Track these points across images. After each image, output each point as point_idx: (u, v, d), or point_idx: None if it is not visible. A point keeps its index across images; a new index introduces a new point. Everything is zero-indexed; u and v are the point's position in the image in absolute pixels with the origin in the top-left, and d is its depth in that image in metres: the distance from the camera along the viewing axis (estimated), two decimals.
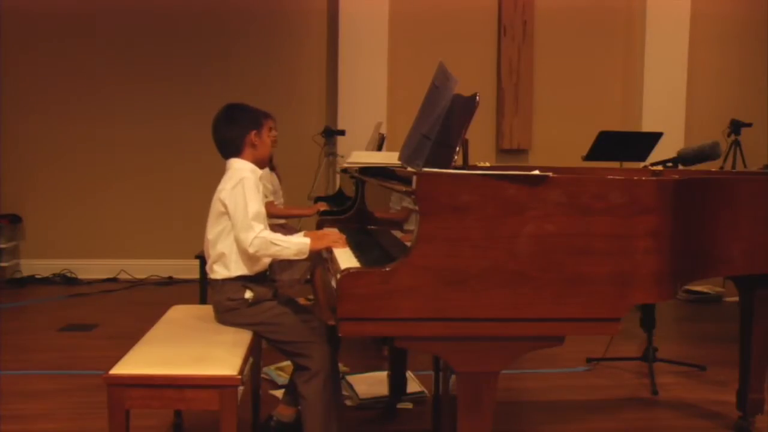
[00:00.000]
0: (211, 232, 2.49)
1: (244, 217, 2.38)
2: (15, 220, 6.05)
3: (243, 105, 2.62)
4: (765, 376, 2.94)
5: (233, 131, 2.54)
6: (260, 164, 2.60)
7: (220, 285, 2.47)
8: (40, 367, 3.69)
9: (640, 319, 3.60)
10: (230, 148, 2.55)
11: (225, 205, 2.42)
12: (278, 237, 2.41)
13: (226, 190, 2.44)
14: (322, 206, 4.18)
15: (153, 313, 2.80)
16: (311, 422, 2.41)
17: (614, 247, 1.88)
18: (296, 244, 2.40)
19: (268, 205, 4.24)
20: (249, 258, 2.44)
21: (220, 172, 2.57)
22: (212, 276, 2.51)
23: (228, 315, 2.48)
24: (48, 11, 6.05)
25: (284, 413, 2.78)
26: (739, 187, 2.38)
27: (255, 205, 2.41)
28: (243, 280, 2.45)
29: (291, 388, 2.76)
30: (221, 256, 2.46)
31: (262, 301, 2.47)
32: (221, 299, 2.48)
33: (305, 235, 2.57)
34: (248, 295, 2.45)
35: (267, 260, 2.52)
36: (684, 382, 3.63)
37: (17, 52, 6.04)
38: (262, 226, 2.40)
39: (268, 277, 2.59)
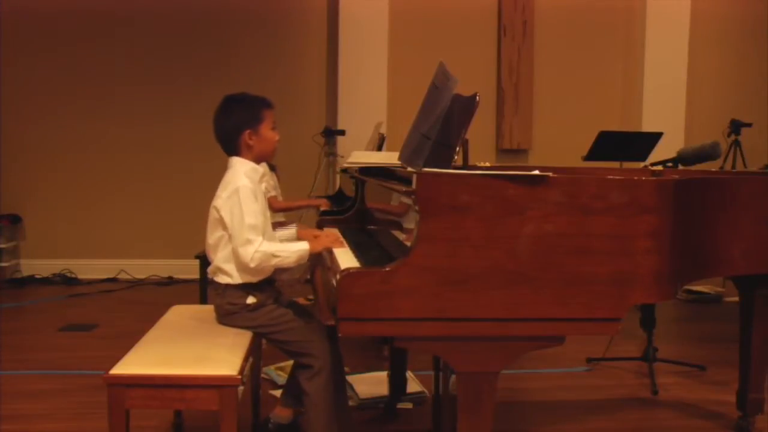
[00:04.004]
0: (211, 237, 2.46)
1: (240, 232, 2.33)
2: (15, 220, 6.04)
3: (241, 97, 2.52)
4: (765, 376, 2.94)
5: (227, 127, 2.47)
6: (263, 159, 2.54)
7: (223, 289, 2.45)
8: (40, 367, 3.69)
9: (640, 319, 3.60)
10: (228, 146, 2.50)
11: (220, 215, 2.38)
12: (278, 248, 2.37)
13: (221, 199, 2.39)
14: (324, 203, 4.18)
15: (153, 313, 2.80)
16: (314, 419, 2.40)
17: (614, 247, 1.88)
18: (296, 252, 2.37)
19: (271, 200, 4.25)
20: (251, 269, 2.39)
21: (220, 173, 2.56)
22: (215, 279, 2.48)
23: (228, 318, 2.47)
24: (49, 11, 6.05)
25: (282, 415, 2.77)
26: (739, 187, 2.38)
27: (251, 217, 2.34)
28: (246, 287, 2.43)
29: (288, 390, 2.76)
30: (223, 266, 2.43)
31: (262, 305, 2.45)
32: (222, 303, 2.46)
33: (300, 235, 2.56)
34: (250, 300, 2.43)
35: (270, 270, 2.48)
36: (684, 382, 3.63)
37: (18, 52, 6.04)
38: (260, 239, 2.35)
39: (269, 277, 2.56)
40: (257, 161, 2.52)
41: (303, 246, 2.40)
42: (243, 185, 2.37)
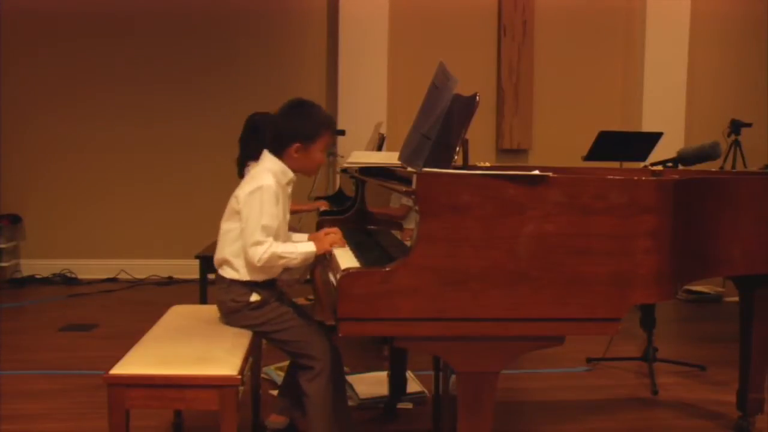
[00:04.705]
0: (225, 224, 2.45)
1: (253, 231, 2.32)
2: (15, 220, 6.04)
3: (311, 108, 2.49)
4: (765, 376, 2.94)
5: (282, 130, 2.45)
6: (300, 173, 2.52)
7: (227, 284, 2.44)
8: (40, 367, 3.69)
9: (640, 319, 3.60)
10: (274, 145, 2.46)
11: (239, 206, 2.38)
12: (285, 249, 2.36)
13: (244, 193, 2.38)
14: (323, 204, 4.18)
15: (153, 313, 2.80)
16: (314, 420, 2.40)
17: (614, 247, 1.88)
18: (302, 253, 2.37)
19: None
20: (258, 269, 2.39)
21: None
22: (221, 273, 2.47)
23: (231, 317, 2.46)
24: (49, 11, 6.05)
25: (277, 420, 2.78)
26: (739, 187, 2.38)
27: (267, 217, 2.33)
28: (251, 285, 2.42)
29: (283, 395, 2.76)
30: (232, 259, 2.42)
31: (265, 303, 2.45)
32: (225, 299, 2.45)
33: (309, 237, 2.56)
34: (254, 297, 2.42)
35: (278, 270, 2.47)
36: (684, 382, 3.63)
37: (18, 52, 6.04)
38: (270, 240, 2.34)
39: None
40: (294, 171, 2.49)
41: (309, 248, 2.39)
42: (267, 185, 2.36)
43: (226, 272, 2.45)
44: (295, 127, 2.44)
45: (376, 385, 3.31)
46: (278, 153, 2.46)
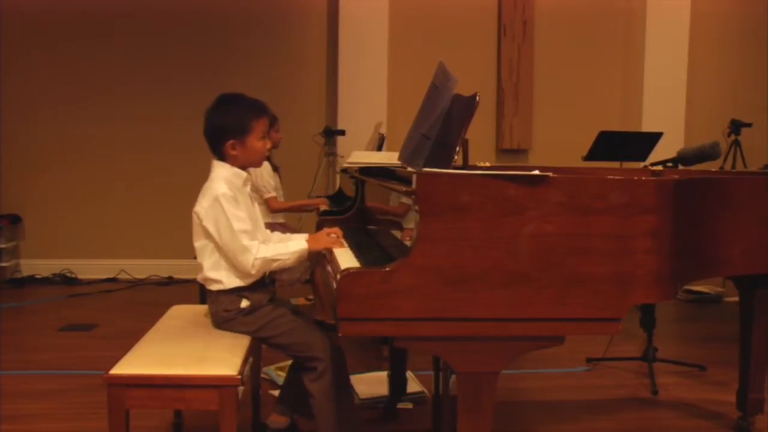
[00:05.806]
0: (197, 241, 2.42)
1: (234, 241, 2.30)
2: (15, 220, 6.05)
3: (235, 101, 2.44)
4: (765, 376, 2.94)
5: (214, 130, 2.41)
6: (249, 167, 2.48)
7: (216, 296, 2.42)
8: (40, 367, 3.69)
9: (640, 319, 3.60)
10: (212, 148, 2.44)
11: (203, 224, 2.35)
12: (276, 251, 2.35)
13: (202, 208, 2.35)
14: (323, 202, 4.18)
15: (153, 313, 2.80)
16: (322, 420, 2.39)
17: (614, 247, 1.88)
18: (294, 253, 2.37)
19: (272, 201, 4.25)
20: (252, 276, 2.38)
21: None
22: (207, 287, 2.45)
23: (225, 325, 2.43)
24: (49, 11, 6.05)
25: (278, 420, 2.77)
26: (739, 187, 2.38)
27: (239, 222, 2.31)
28: (238, 291, 2.40)
29: (283, 396, 2.75)
30: (210, 274, 2.40)
31: (258, 308, 2.43)
32: (217, 310, 2.43)
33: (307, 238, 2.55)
34: (244, 304, 2.40)
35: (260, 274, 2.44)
36: (684, 382, 3.63)
37: (18, 52, 6.04)
38: (256, 244, 2.32)
39: (267, 278, 2.53)
40: (242, 168, 2.46)
41: (301, 246, 2.39)
42: (222, 193, 2.33)
43: (212, 286, 2.42)
44: (222, 125, 2.40)
45: (376, 385, 3.31)
46: (220, 156, 2.43)
